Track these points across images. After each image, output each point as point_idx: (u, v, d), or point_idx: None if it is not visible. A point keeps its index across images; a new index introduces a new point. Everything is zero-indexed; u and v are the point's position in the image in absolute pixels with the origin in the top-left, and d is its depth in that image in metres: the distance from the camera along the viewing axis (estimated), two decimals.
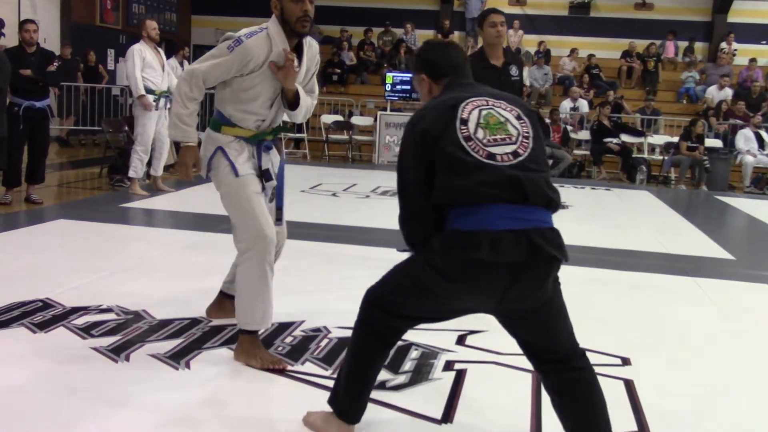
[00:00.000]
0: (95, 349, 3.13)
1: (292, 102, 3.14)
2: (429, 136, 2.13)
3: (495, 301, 2.10)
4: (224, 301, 3.56)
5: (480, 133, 2.13)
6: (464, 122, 2.14)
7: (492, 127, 2.15)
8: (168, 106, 7.62)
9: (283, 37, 3.04)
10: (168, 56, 11.73)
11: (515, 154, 2.11)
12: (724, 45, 15.85)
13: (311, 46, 3.26)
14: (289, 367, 3.02)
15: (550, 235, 2.07)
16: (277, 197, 3.29)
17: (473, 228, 2.02)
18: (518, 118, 2.20)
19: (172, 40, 13.12)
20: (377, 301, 2.26)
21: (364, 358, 2.32)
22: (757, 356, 3.62)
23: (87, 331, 3.35)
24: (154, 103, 7.38)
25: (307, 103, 3.26)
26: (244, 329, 3.06)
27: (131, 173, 7.53)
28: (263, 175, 3.15)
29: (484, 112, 2.17)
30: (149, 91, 7.35)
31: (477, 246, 1.99)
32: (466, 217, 2.04)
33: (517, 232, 2.01)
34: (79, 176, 8.95)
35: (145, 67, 7.35)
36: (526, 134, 2.17)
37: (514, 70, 4.39)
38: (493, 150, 2.10)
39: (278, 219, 3.25)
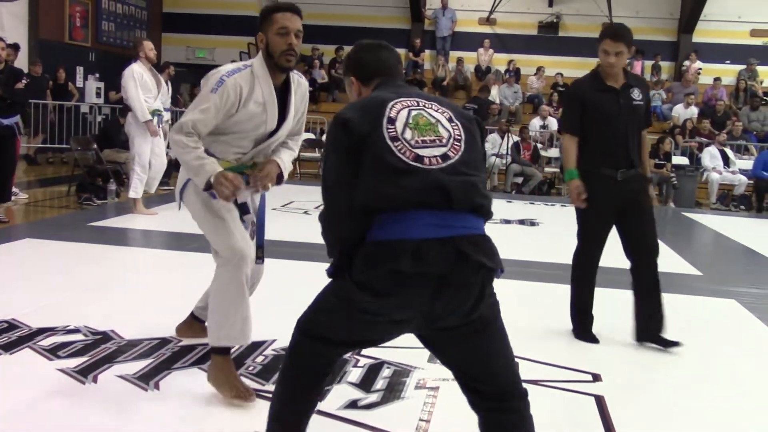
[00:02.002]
0: (62, 370, 3.08)
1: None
2: (355, 134, 1.98)
3: (425, 317, 1.94)
4: (194, 323, 3.51)
5: (408, 134, 1.99)
6: (392, 121, 2.00)
7: (421, 128, 2.01)
8: (161, 124, 7.58)
9: (266, 73, 2.93)
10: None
11: (444, 157, 1.98)
12: (686, 63, 16.15)
13: (300, 85, 3.16)
14: (261, 387, 3.00)
15: (480, 243, 1.94)
16: (258, 235, 3.17)
17: (394, 237, 1.89)
18: (450, 120, 2.07)
19: (168, 62, 13.03)
20: (307, 328, 2.09)
21: (296, 393, 2.12)
22: (724, 370, 3.66)
23: (53, 352, 3.29)
24: (139, 127, 7.33)
25: (290, 159, 3.22)
26: (216, 346, 2.91)
27: (131, 194, 7.46)
28: (240, 207, 3.05)
29: (413, 113, 2.04)
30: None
31: (398, 257, 1.85)
32: (389, 226, 1.90)
33: (443, 240, 1.88)
34: (46, 195, 8.83)
35: (141, 88, 7.30)
36: (458, 137, 2.04)
37: (636, 93, 3.91)
38: (420, 152, 1.96)
39: (259, 258, 3.12)
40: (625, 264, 4.04)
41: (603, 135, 3.84)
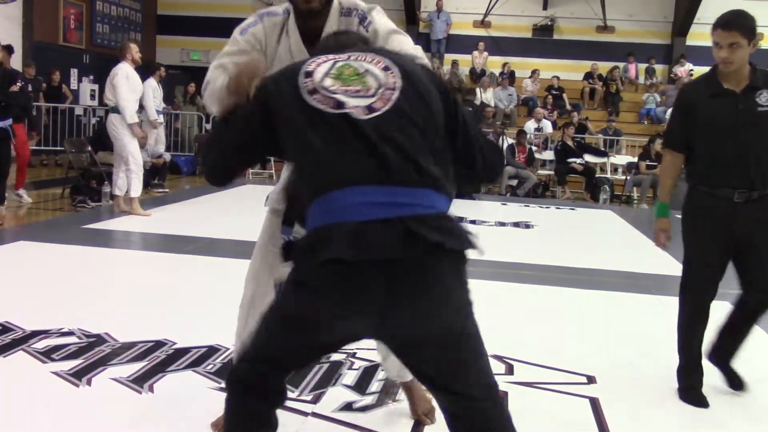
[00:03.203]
0: (56, 373, 3.07)
1: None
2: (269, 97, 1.75)
3: (374, 317, 1.61)
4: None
5: (328, 82, 1.71)
6: (309, 75, 1.73)
7: (345, 78, 1.72)
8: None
9: (293, 22, 2.32)
10: (146, 77, 11.70)
11: (370, 108, 1.66)
12: (677, 68, 16.20)
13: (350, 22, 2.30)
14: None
15: (436, 221, 1.60)
16: None
17: (329, 222, 1.59)
18: (386, 69, 1.74)
19: (152, 61, 13.04)
20: (243, 352, 1.79)
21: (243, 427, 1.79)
22: (719, 373, 3.66)
23: (47, 355, 3.28)
24: (126, 128, 7.34)
25: None
26: None
27: (132, 193, 7.49)
28: None
29: (338, 64, 1.76)
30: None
31: (332, 243, 1.55)
32: (323, 211, 1.61)
33: (389, 220, 1.56)
34: (40, 197, 8.80)
35: (131, 90, 7.33)
36: (391, 86, 1.71)
37: (764, 98, 3.07)
38: (341, 98, 1.67)
39: None
40: (620, 266, 4.04)
41: (715, 150, 3.11)
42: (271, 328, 1.72)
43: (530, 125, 13.86)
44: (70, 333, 3.59)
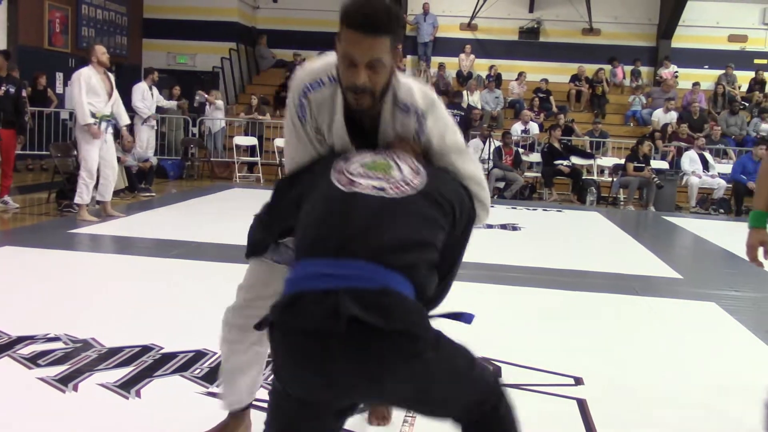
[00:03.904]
0: (42, 379, 3.05)
1: None
2: (304, 187, 1.88)
3: (322, 389, 1.60)
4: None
5: (355, 167, 1.80)
6: (345, 159, 1.85)
7: (372, 167, 1.80)
8: (110, 130, 7.50)
9: (339, 103, 1.96)
10: (137, 81, 11.66)
11: (378, 190, 1.72)
12: (661, 70, 16.31)
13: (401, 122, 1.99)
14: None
15: (374, 297, 1.55)
16: None
17: (284, 293, 1.65)
18: (415, 171, 1.81)
19: (152, 67, 12.99)
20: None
21: None
22: (705, 373, 3.69)
23: (33, 360, 3.26)
24: (102, 132, 7.27)
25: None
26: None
27: (77, 200, 7.39)
28: None
29: (376, 158, 1.84)
30: (90, 114, 7.22)
31: (274, 311, 1.61)
32: (287, 280, 1.68)
33: (328, 292, 1.56)
34: (26, 202, 8.75)
35: (89, 92, 7.22)
36: (411, 183, 1.76)
37: None
38: (357, 179, 1.75)
39: None
40: (606, 268, 4.06)
41: None
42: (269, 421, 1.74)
43: (517, 127, 13.91)
44: (56, 338, 3.57)
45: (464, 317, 1.76)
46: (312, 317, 1.54)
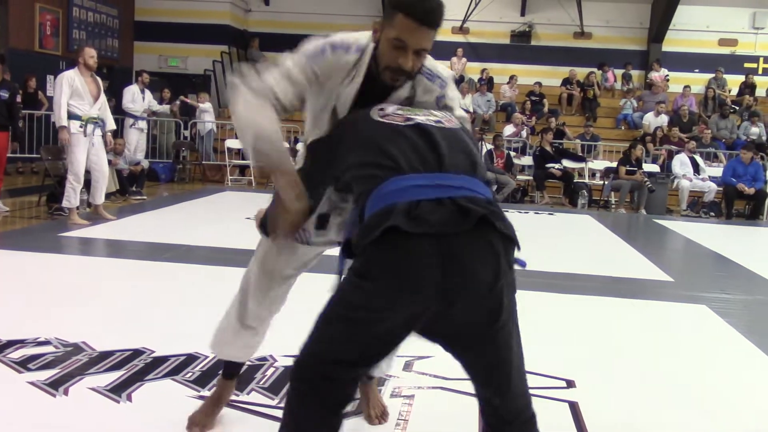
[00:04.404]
0: (32, 383, 3.03)
1: None
2: (343, 130, 2.00)
3: (435, 296, 1.64)
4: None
5: (397, 110, 1.93)
6: (381, 108, 1.95)
7: (412, 110, 1.95)
8: (98, 132, 7.46)
9: (362, 73, 2.11)
10: (128, 83, 11.63)
11: (437, 121, 1.88)
12: (652, 73, 16.38)
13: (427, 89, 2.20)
14: (235, 398, 2.98)
15: (485, 204, 1.69)
16: None
17: (385, 204, 1.66)
18: (446, 115, 2.00)
19: (142, 70, 12.97)
20: (310, 355, 1.74)
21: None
22: (696, 375, 3.70)
23: (23, 364, 3.24)
24: (72, 135, 7.19)
25: None
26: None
27: (65, 203, 7.36)
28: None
29: (405, 107, 2.01)
30: (75, 116, 7.18)
31: (387, 217, 1.62)
32: (378, 197, 1.69)
33: (441, 200, 1.65)
34: (16, 205, 8.71)
35: (73, 94, 7.19)
36: (451, 121, 1.95)
37: None
38: (412, 116, 1.88)
39: None
40: (598, 271, 4.06)
41: None
42: (341, 331, 1.70)
43: (508, 130, 13.96)
44: (46, 342, 3.55)
45: (519, 262, 1.82)
46: (438, 221, 1.61)
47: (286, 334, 3.73)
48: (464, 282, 1.64)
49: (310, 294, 2.65)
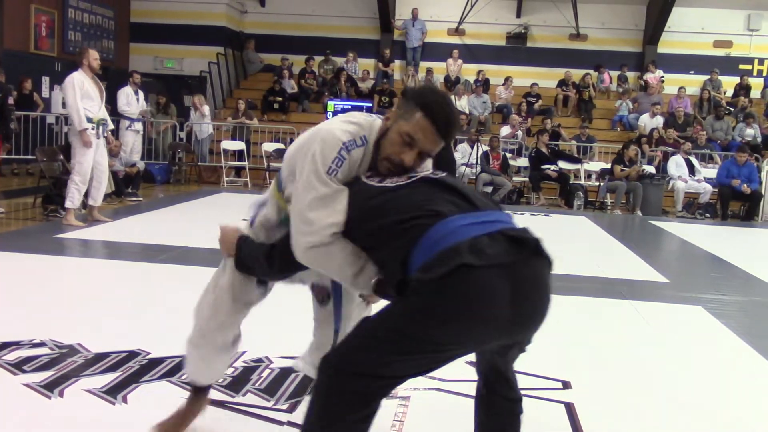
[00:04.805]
0: (27, 385, 3.02)
1: None
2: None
3: (505, 329, 1.75)
4: None
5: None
6: (369, 176, 2.04)
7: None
8: (105, 134, 7.50)
9: (366, 163, 2.09)
10: (123, 85, 11.60)
11: (432, 173, 1.99)
12: (647, 75, 16.42)
13: None
14: (231, 399, 2.97)
15: (525, 232, 1.81)
16: (335, 316, 2.35)
17: (443, 246, 1.70)
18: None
19: (133, 70, 12.96)
20: (351, 366, 1.77)
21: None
22: (692, 376, 3.71)
23: (18, 366, 3.23)
24: (95, 140, 7.25)
25: None
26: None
27: (68, 203, 7.34)
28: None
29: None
30: (87, 119, 7.19)
31: (454, 255, 1.67)
32: (432, 242, 1.72)
33: (492, 235, 1.74)
34: (11, 206, 8.69)
35: (83, 96, 7.19)
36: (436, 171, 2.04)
37: None
38: (402, 180, 1.96)
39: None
40: (594, 272, 4.07)
41: None
42: (397, 354, 1.74)
43: (504, 132, 13.97)
44: (41, 344, 3.54)
45: None
46: (499, 252, 1.69)
47: (281, 335, 3.74)
48: (531, 313, 1.77)
49: (307, 295, 2.65)
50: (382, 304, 2.07)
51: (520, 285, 1.71)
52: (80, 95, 7.15)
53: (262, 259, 2.16)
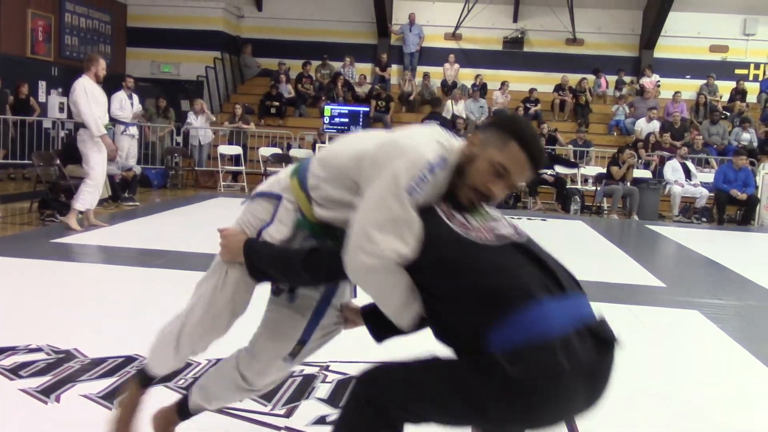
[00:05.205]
0: (24, 390, 3.02)
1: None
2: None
3: (570, 415, 1.86)
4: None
5: (465, 218, 1.85)
6: (449, 218, 1.87)
7: (482, 216, 1.90)
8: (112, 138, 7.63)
9: (443, 187, 1.92)
10: (115, 90, 11.60)
11: (518, 234, 1.86)
12: (643, 79, 16.45)
13: None
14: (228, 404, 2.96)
15: (606, 326, 1.81)
16: (307, 327, 2.28)
17: (536, 333, 1.67)
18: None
19: (126, 74, 12.97)
20: (395, 398, 1.75)
21: None
22: (688, 380, 3.71)
23: (15, 372, 3.23)
24: (96, 142, 7.29)
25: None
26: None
27: (79, 206, 7.34)
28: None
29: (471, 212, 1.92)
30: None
31: (547, 352, 1.65)
32: (525, 324, 1.68)
33: (580, 331, 1.72)
34: (8, 211, 8.68)
35: (94, 103, 7.23)
36: (519, 229, 1.90)
37: None
38: (495, 229, 1.84)
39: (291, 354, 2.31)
40: (591, 276, 4.06)
41: None
42: (446, 408, 1.73)
43: None
44: (38, 349, 3.53)
45: None
46: (588, 360, 1.69)
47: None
48: (596, 399, 1.79)
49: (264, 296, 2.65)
50: (362, 330, 2.11)
51: (597, 384, 1.75)
52: (92, 101, 7.19)
53: (297, 266, 1.99)
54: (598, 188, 12.61)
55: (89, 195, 7.34)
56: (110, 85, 13.43)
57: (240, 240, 2.17)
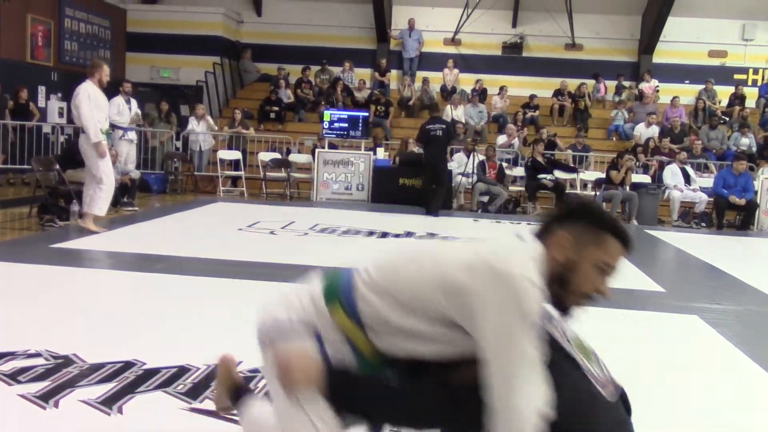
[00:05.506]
0: (22, 396, 3.01)
1: None
2: None
3: None
4: None
5: (592, 366, 2.02)
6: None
7: (584, 352, 2.02)
8: (111, 144, 7.66)
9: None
10: (113, 95, 11.59)
11: (616, 388, 2.06)
12: (642, 84, 16.47)
13: None
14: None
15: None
16: None
17: None
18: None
19: (123, 79, 12.97)
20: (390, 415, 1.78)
21: None
22: (688, 385, 3.71)
23: (14, 377, 3.22)
24: (110, 152, 7.38)
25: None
26: None
27: (96, 211, 7.43)
28: None
29: (568, 333, 1.99)
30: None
31: None
32: None
33: None
34: (7, 216, 8.68)
35: (95, 108, 7.27)
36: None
37: None
38: (606, 378, 2.04)
39: None
40: None
41: None
42: None
43: (501, 141, 14.00)
44: (37, 354, 3.53)
45: None
46: None
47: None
48: None
49: None
50: None
51: None
52: (94, 106, 7.24)
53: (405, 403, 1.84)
54: (598, 193, 12.61)
55: (104, 202, 7.46)
56: (111, 91, 13.48)
57: (312, 363, 1.84)
